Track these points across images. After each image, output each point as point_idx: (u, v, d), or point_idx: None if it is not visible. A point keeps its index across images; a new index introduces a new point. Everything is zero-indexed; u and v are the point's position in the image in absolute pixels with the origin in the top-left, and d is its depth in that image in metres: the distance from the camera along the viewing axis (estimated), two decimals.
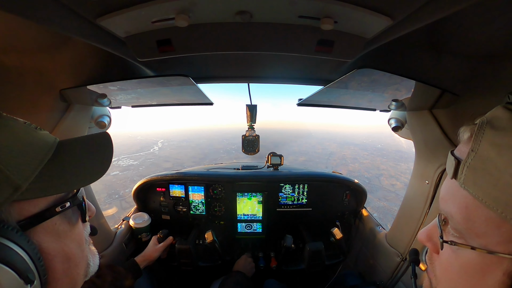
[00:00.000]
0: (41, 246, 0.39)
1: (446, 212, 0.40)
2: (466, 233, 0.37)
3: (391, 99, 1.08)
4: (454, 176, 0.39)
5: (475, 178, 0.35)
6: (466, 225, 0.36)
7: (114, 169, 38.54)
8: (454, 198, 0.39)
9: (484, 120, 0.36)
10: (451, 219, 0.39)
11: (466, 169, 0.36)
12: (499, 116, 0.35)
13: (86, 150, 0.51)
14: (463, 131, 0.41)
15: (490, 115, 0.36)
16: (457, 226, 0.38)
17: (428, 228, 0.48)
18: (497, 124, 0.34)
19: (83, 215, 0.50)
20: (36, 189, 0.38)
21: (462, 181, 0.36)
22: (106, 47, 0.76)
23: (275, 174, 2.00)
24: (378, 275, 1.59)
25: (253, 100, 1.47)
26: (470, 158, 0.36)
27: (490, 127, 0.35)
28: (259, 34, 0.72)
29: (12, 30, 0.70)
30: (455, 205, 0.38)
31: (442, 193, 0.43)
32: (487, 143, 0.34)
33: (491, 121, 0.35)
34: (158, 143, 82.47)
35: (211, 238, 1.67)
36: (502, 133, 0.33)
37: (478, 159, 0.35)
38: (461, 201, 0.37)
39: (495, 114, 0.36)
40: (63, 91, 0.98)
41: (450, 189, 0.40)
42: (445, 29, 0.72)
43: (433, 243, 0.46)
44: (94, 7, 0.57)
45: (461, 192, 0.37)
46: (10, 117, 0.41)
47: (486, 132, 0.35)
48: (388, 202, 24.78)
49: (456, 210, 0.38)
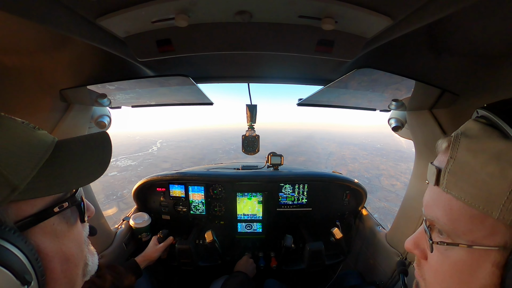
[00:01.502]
0: (39, 247, 0.39)
1: (431, 217, 0.43)
2: (453, 233, 0.39)
3: (391, 99, 1.08)
4: (436, 183, 0.42)
5: (456, 181, 0.38)
6: (452, 225, 0.39)
7: (112, 170, 38.49)
8: (438, 203, 0.42)
9: (458, 132, 0.41)
10: (437, 223, 0.42)
11: (447, 174, 0.40)
12: (471, 127, 0.40)
13: (85, 149, 0.50)
14: (440, 143, 0.45)
15: (463, 128, 0.41)
16: (444, 228, 0.41)
17: (414, 236, 0.50)
18: (470, 133, 0.39)
19: (82, 215, 0.50)
20: (33, 189, 0.38)
21: (444, 186, 0.40)
22: (106, 47, 0.76)
23: (275, 174, 2.00)
24: (378, 275, 1.59)
25: (253, 100, 1.47)
26: (450, 164, 0.40)
27: (464, 136, 0.40)
28: (259, 34, 0.72)
29: (12, 30, 0.70)
30: (439, 209, 0.41)
31: (426, 200, 0.46)
32: (464, 149, 0.38)
33: (465, 132, 0.40)
34: (157, 143, 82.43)
35: (211, 238, 1.67)
36: (475, 140, 0.38)
37: (457, 164, 0.39)
38: (445, 204, 0.40)
39: (467, 126, 0.41)
40: (63, 91, 0.98)
41: (433, 195, 0.44)
42: (445, 29, 0.72)
43: (420, 250, 0.48)
44: (94, 7, 0.57)
45: (444, 196, 0.40)
46: (7, 116, 0.40)
47: (461, 141, 0.39)
48: (389, 202, 24.75)
49: (441, 213, 0.41)
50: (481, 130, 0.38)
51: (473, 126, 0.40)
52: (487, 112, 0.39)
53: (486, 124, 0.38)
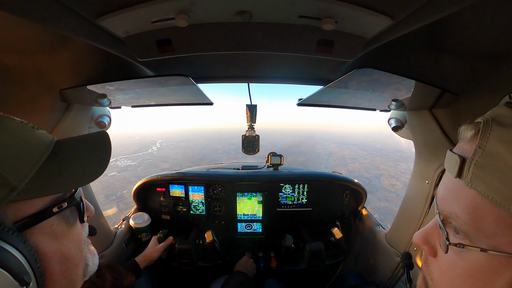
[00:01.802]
0: (37, 247, 0.39)
1: (448, 212, 0.38)
2: (473, 234, 0.35)
3: (391, 99, 1.08)
4: (458, 175, 0.37)
5: (483, 176, 0.33)
6: (474, 225, 0.34)
7: (112, 170, 38.52)
8: (459, 198, 0.37)
9: (488, 118, 0.36)
10: (454, 220, 0.37)
11: (474, 166, 0.34)
12: (504, 114, 0.35)
13: (84, 149, 0.50)
14: (465, 130, 0.40)
15: (493, 114, 0.36)
16: (463, 227, 0.36)
17: (424, 230, 0.46)
18: (504, 121, 0.34)
19: (81, 215, 0.50)
20: (32, 189, 0.38)
21: (469, 179, 0.35)
22: (106, 47, 0.76)
23: (275, 174, 2.00)
24: (378, 275, 1.59)
25: (253, 100, 1.47)
26: (477, 155, 0.34)
27: (497, 124, 0.34)
28: (259, 34, 0.72)
29: (12, 30, 0.70)
30: (460, 205, 0.36)
31: (442, 193, 0.41)
32: (496, 139, 0.33)
33: (497, 119, 0.35)
34: (157, 143, 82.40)
35: (211, 238, 1.67)
36: (510, 129, 0.33)
37: (487, 156, 0.33)
38: (467, 200, 0.35)
39: (499, 112, 0.35)
40: (63, 91, 0.98)
41: (453, 189, 0.39)
42: (445, 29, 0.72)
43: (429, 246, 0.44)
44: (94, 7, 0.57)
45: (467, 191, 0.35)
46: (6, 116, 0.40)
47: (493, 129, 0.34)
48: (389, 202, 24.73)
49: (462, 210, 0.36)
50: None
51: (507, 113, 0.34)
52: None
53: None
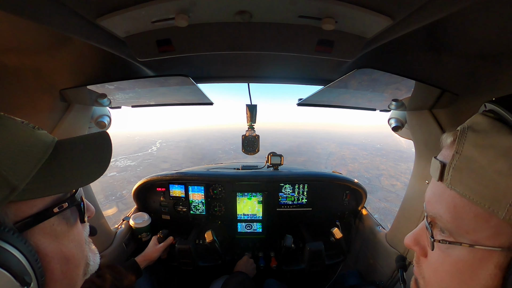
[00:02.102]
0: (38, 248, 0.39)
1: (433, 213, 0.42)
2: (455, 231, 0.38)
3: (391, 99, 1.08)
4: (440, 178, 0.40)
5: (461, 177, 0.37)
6: (455, 223, 0.38)
7: (111, 170, 38.57)
8: (442, 199, 0.40)
9: (465, 126, 0.39)
10: (439, 220, 0.41)
11: (452, 170, 0.38)
12: (478, 121, 0.38)
13: (85, 149, 0.50)
14: (445, 137, 0.43)
15: (470, 122, 0.39)
16: (446, 226, 0.39)
17: (414, 232, 0.49)
18: (478, 128, 0.37)
19: (82, 215, 0.50)
20: (33, 189, 0.38)
21: (449, 182, 0.38)
22: (106, 47, 0.76)
23: (275, 174, 2.00)
24: (378, 275, 1.59)
25: (253, 100, 1.47)
26: (455, 159, 0.38)
27: (471, 130, 0.38)
28: (259, 34, 0.72)
29: (12, 30, 0.70)
30: (443, 205, 0.40)
31: (428, 196, 0.44)
32: (470, 144, 0.37)
33: (472, 126, 0.38)
34: (157, 144, 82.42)
35: (211, 237, 1.66)
36: (482, 135, 0.36)
37: (463, 160, 0.37)
38: (448, 200, 0.39)
39: (474, 121, 0.39)
40: (63, 91, 0.97)
41: (436, 191, 0.42)
42: (445, 29, 0.72)
43: (420, 247, 0.47)
44: (94, 7, 0.57)
45: (448, 192, 0.39)
46: (7, 116, 0.40)
47: (468, 135, 0.37)
48: (389, 203, 24.72)
49: (444, 210, 0.39)
50: (489, 124, 0.36)
51: (480, 120, 0.38)
52: (496, 106, 0.37)
53: (495, 118, 0.37)
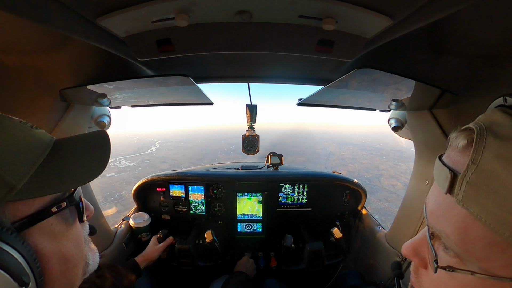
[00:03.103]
0: (36, 248, 0.38)
1: (438, 230, 0.36)
2: (464, 255, 0.33)
3: (391, 99, 1.08)
4: (449, 191, 0.33)
5: (477, 196, 0.30)
6: (465, 248, 0.32)
7: (110, 171, 38.54)
8: (449, 216, 0.34)
9: (482, 126, 0.32)
10: (444, 239, 0.35)
11: (466, 184, 0.31)
12: (499, 122, 0.31)
13: (83, 148, 0.50)
14: (456, 137, 0.36)
15: (488, 120, 0.32)
16: (453, 248, 0.34)
17: (413, 242, 0.43)
18: (501, 132, 0.30)
19: (81, 215, 0.49)
20: (31, 189, 0.38)
21: (460, 198, 0.31)
22: (106, 47, 0.76)
23: (275, 174, 2.00)
24: (378, 275, 1.59)
25: (253, 100, 1.47)
26: (471, 171, 0.30)
27: (492, 135, 0.30)
28: (259, 34, 0.72)
29: (12, 30, 0.70)
30: (450, 224, 0.33)
31: (432, 206, 0.38)
32: (491, 155, 0.29)
33: (492, 128, 0.31)
34: (156, 144, 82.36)
35: (211, 237, 1.66)
36: (509, 143, 0.28)
37: (481, 174, 0.29)
38: (458, 220, 0.32)
39: (494, 119, 0.32)
40: (63, 91, 0.97)
41: (443, 204, 0.35)
42: (445, 29, 0.72)
43: (420, 258, 0.41)
44: (94, 7, 0.57)
45: (457, 209, 0.32)
46: (5, 116, 0.40)
47: (488, 142, 0.30)
48: (389, 203, 24.66)
49: (452, 230, 0.33)
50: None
51: (502, 121, 0.30)
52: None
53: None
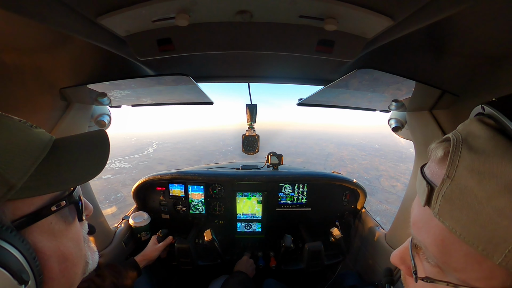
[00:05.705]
0: (36, 246, 0.39)
1: (419, 241, 0.37)
2: (442, 266, 0.34)
3: (391, 99, 1.08)
4: (427, 203, 0.34)
5: (451, 210, 0.30)
6: (443, 259, 0.33)
7: (106, 173, 38.42)
8: (428, 228, 0.34)
9: (459, 138, 0.31)
10: (425, 250, 0.36)
11: (441, 198, 0.31)
12: (475, 133, 0.30)
13: (83, 148, 0.50)
14: (435, 148, 0.36)
15: (466, 131, 0.32)
16: (432, 259, 0.35)
17: (400, 250, 0.44)
18: (475, 144, 0.29)
19: (80, 214, 0.50)
20: (31, 188, 0.38)
21: (436, 211, 0.32)
22: (106, 46, 0.76)
23: (275, 173, 2.00)
24: (377, 275, 1.59)
25: (253, 100, 1.47)
26: (446, 186, 0.31)
27: (467, 148, 0.30)
28: (259, 34, 0.72)
29: (12, 29, 0.70)
30: (429, 235, 0.34)
31: (414, 217, 0.38)
32: (465, 169, 0.29)
33: (467, 140, 0.31)
34: (153, 145, 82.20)
35: (210, 236, 1.66)
36: (482, 158, 0.28)
37: (455, 188, 0.30)
38: (436, 232, 0.33)
39: (470, 130, 0.31)
40: (63, 90, 0.97)
41: (423, 216, 0.35)
42: (445, 30, 0.73)
43: (406, 266, 0.42)
44: (94, 6, 0.57)
45: (435, 222, 0.32)
46: (4, 115, 0.40)
47: (463, 155, 0.30)
48: (390, 204, 24.51)
49: (430, 242, 0.34)
50: (490, 141, 0.28)
51: (478, 132, 0.30)
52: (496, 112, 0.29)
53: (496, 128, 0.29)
